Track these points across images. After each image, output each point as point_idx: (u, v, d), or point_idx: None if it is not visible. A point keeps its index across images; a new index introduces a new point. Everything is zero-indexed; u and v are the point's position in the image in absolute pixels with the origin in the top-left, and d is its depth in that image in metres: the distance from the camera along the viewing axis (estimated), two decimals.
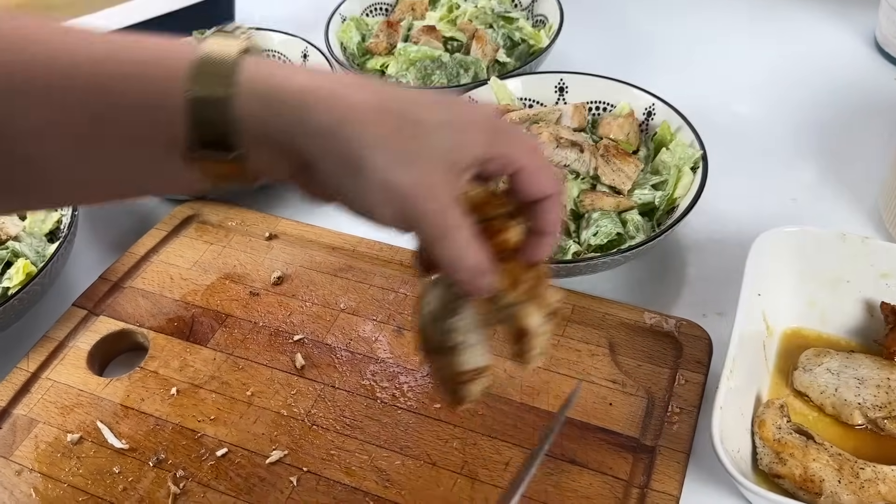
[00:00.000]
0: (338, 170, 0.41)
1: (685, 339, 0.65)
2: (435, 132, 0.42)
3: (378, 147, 0.41)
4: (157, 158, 0.42)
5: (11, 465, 0.61)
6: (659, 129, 0.79)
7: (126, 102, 0.40)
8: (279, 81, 0.41)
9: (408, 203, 0.41)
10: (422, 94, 0.44)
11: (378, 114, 0.41)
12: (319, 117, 0.40)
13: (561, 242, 0.71)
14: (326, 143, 0.41)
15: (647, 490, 0.56)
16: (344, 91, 0.41)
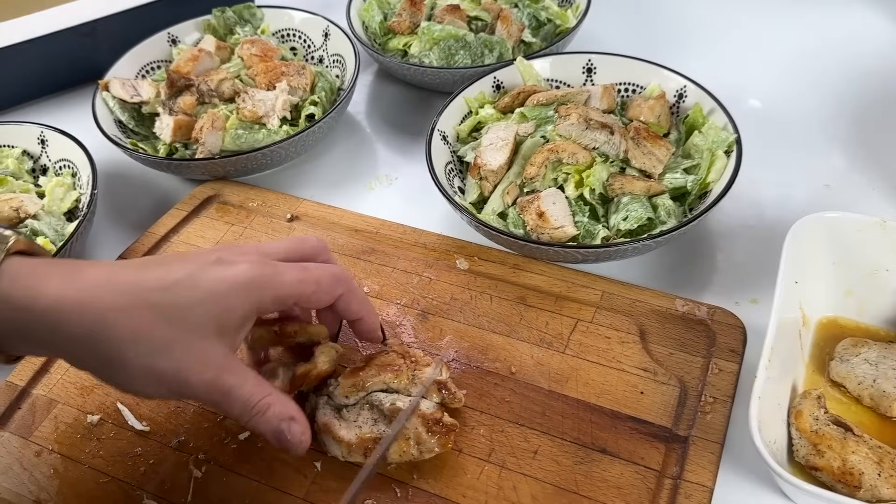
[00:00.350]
0: (101, 367, 0.46)
1: (718, 327, 0.63)
2: (193, 311, 0.46)
3: (136, 342, 0.44)
4: None
5: (31, 445, 0.60)
6: (691, 111, 0.77)
7: None
8: (34, 293, 0.44)
9: (177, 383, 0.46)
10: (176, 275, 0.47)
11: (131, 313, 0.44)
12: (71, 328, 0.44)
13: (590, 227, 0.70)
14: (84, 348, 0.44)
15: (681, 481, 0.54)
16: (95, 296, 0.44)
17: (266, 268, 0.49)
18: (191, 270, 0.47)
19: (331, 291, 0.52)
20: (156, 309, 0.45)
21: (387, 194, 0.83)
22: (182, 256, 0.49)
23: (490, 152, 0.73)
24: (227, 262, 0.48)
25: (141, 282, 0.46)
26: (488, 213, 0.73)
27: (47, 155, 0.82)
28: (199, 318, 0.46)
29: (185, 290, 0.46)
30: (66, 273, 0.45)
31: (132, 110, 0.85)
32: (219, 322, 0.47)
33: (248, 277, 0.48)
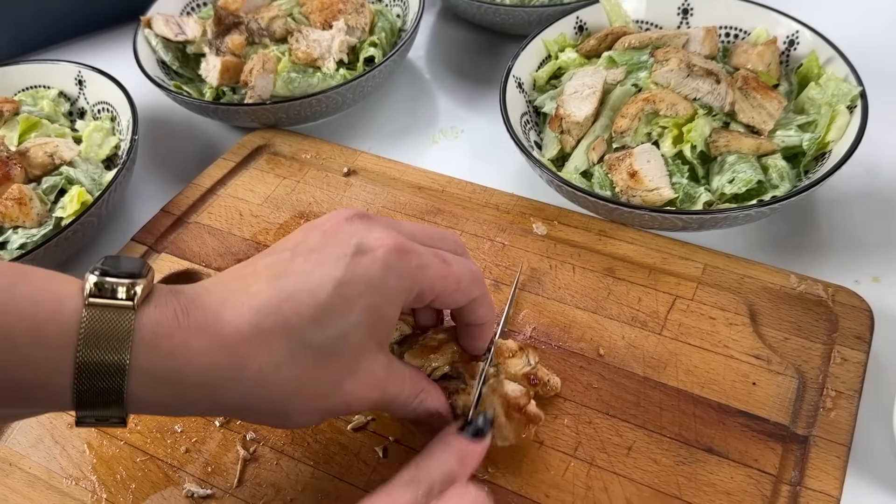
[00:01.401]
0: (263, 420, 0.41)
1: (841, 309, 0.55)
2: (352, 337, 0.39)
3: (302, 392, 0.39)
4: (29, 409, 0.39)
5: (64, 416, 0.54)
6: (805, 61, 0.67)
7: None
8: (180, 365, 0.37)
9: (345, 410, 0.41)
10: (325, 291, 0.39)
11: (291, 364, 0.38)
12: (230, 398, 0.38)
13: (689, 189, 0.61)
14: (245, 411, 0.40)
15: (801, 488, 0.46)
16: (248, 355, 0.37)
17: (411, 259, 0.41)
18: (338, 280, 0.39)
19: (469, 293, 0.44)
20: (313, 350, 0.38)
21: (452, 148, 0.75)
22: (316, 247, 0.41)
23: (574, 101, 0.64)
24: (370, 251, 0.40)
25: (290, 319, 0.38)
26: (570, 171, 0.64)
27: (85, 97, 0.75)
28: (360, 341, 0.40)
29: (340, 316, 0.39)
30: (205, 327, 0.37)
31: (176, 50, 0.78)
32: (375, 336, 0.40)
33: (397, 277, 0.40)
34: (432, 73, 0.84)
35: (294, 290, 0.39)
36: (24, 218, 0.64)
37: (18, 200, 0.63)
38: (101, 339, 0.35)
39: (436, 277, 0.42)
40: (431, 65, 0.85)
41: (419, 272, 0.41)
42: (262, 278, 0.40)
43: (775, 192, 0.60)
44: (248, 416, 0.41)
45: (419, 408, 0.44)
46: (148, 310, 0.37)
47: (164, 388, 0.37)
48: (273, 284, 0.39)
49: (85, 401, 0.36)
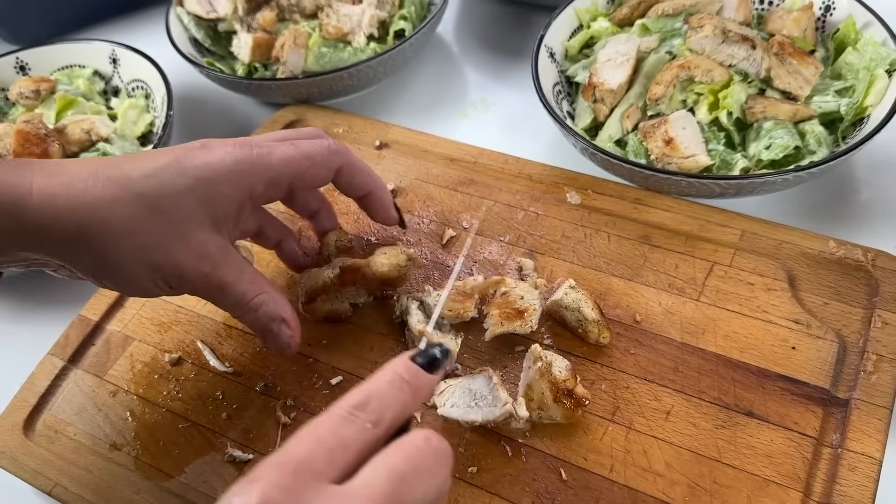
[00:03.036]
0: (97, 264, 0.43)
1: (882, 273, 0.54)
2: (183, 199, 0.43)
3: (131, 233, 0.42)
4: None
5: (106, 384, 0.55)
6: (842, 25, 0.66)
7: None
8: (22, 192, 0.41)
9: (175, 278, 0.44)
10: (161, 162, 0.44)
11: (121, 203, 0.42)
12: (64, 223, 0.41)
13: (726, 156, 0.60)
14: (78, 245, 0.42)
15: (842, 450, 0.46)
16: (82, 189, 0.42)
17: (252, 149, 0.46)
18: (176, 156, 0.44)
19: (327, 165, 0.49)
20: (144, 198, 0.43)
21: (483, 120, 0.75)
22: (163, 149, 0.46)
23: (608, 69, 0.64)
24: (211, 147, 0.45)
25: (126, 171, 0.43)
26: (604, 139, 0.64)
27: (119, 75, 0.76)
28: (189, 207, 0.44)
29: (172, 176, 0.44)
30: (49, 170, 0.43)
31: (208, 28, 0.79)
32: (211, 210, 0.45)
33: (233, 159, 0.45)
34: (461, 46, 0.84)
35: (137, 159, 0.44)
36: None
37: None
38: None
39: (281, 159, 0.46)
40: (460, 38, 0.85)
41: (260, 158, 0.46)
42: (115, 158, 0.45)
43: (812, 158, 0.59)
44: (82, 256, 0.43)
45: (259, 310, 0.46)
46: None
47: (7, 215, 0.41)
48: (119, 158, 0.45)
49: None
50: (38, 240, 0.42)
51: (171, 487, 0.50)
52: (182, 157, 0.44)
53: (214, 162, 0.44)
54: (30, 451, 0.53)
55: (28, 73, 0.77)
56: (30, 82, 0.72)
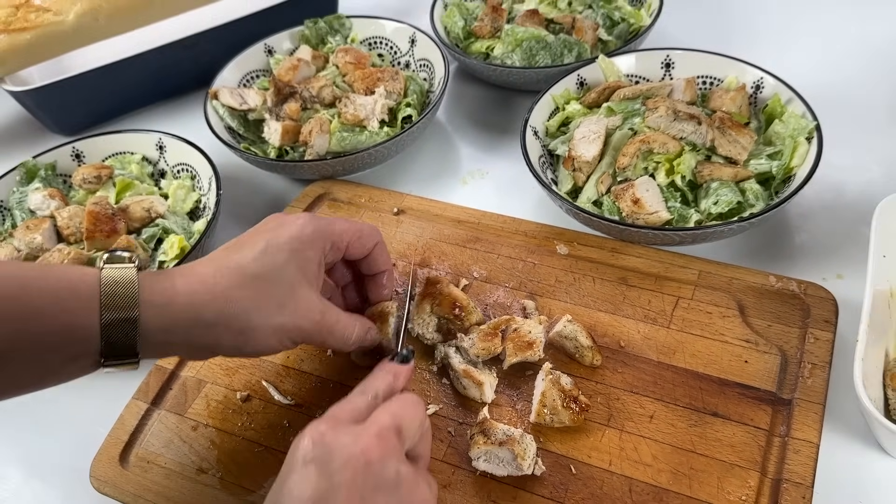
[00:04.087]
0: (235, 338, 0.54)
1: (812, 300, 0.68)
2: (286, 270, 0.56)
3: (258, 308, 0.54)
4: (65, 364, 0.51)
5: (187, 421, 0.66)
6: (770, 101, 0.82)
7: (41, 327, 0.49)
8: (169, 295, 0.52)
9: (296, 331, 0.56)
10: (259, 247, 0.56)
11: (245, 287, 0.54)
12: (206, 314, 0.53)
13: (682, 211, 0.74)
14: (220, 328, 0.53)
15: (789, 438, 0.59)
16: (214, 282, 0.54)
17: (320, 220, 0.59)
18: (266, 239, 0.57)
19: (372, 238, 0.63)
20: (259, 278, 0.55)
21: (481, 187, 0.88)
22: (251, 234, 0.58)
23: (583, 144, 0.79)
24: (288, 223, 0.58)
25: (238, 261, 0.56)
26: (584, 201, 0.78)
27: (165, 160, 0.89)
28: (291, 274, 0.56)
29: (272, 254, 0.56)
30: (183, 274, 0.54)
31: (240, 117, 0.92)
32: (305, 272, 0.57)
33: (311, 229, 0.58)
34: (454, 125, 0.98)
35: (239, 248, 0.57)
36: None
37: (126, 249, 0.76)
38: (116, 285, 0.51)
39: (342, 229, 0.60)
40: (452, 119, 0.99)
41: (328, 226, 0.59)
42: (218, 254, 0.57)
43: (752, 210, 0.74)
44: (222, 336, 0.54)
45: (353, 338, 0.60)
46: (142, 272, 0.53)
47: (160, 316, 0.52)
48: (225, 251, 0.57)
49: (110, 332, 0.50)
50: (185, 331, 0.53)
51: (254, 500, 0.61)
52: (272, 238, 0.56)
53: (298, 234, 0.57)
54: (128, 479, 0.63)
55: (83, 160, 0.89)
56: (92, 169, 0.84)
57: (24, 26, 0.94)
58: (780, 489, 0.56)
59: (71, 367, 0.52)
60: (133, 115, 1.06)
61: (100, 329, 0.50)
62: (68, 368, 0.52)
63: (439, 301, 0.67)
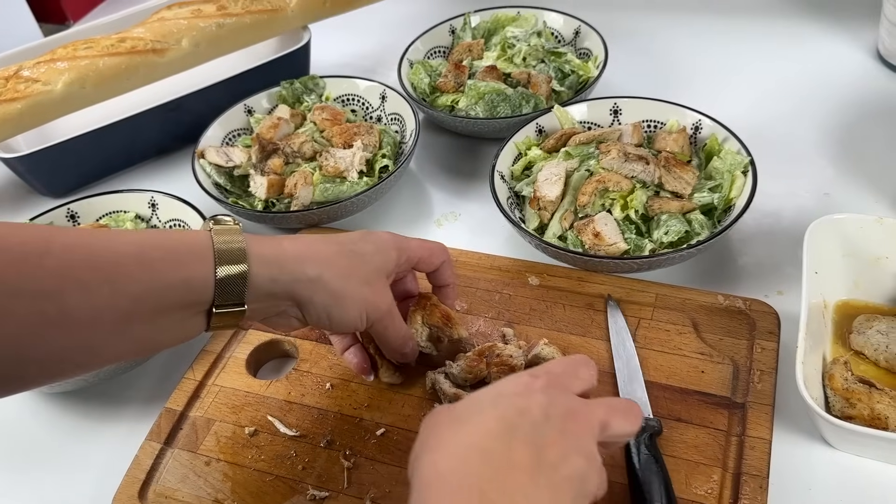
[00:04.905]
0: (327, 300, 0.62)
1: (756, 315, 0.77)
2: (374, 259, 0.66)
3: (350, 277, 0.64)
4: (183, 319, 0.57)
5: (200, 457, 0.71)
6: (708, 141, 0.92)
7: (162, 286, 0.55)
8: (278, 251, 0.61)
9: (373, 309, 0.65)
10: (354, 237, 0.67)
11: (342, 258, 0.64)
12: (308, 271, 0.61)
13: (638, 242, 0.83)
14: (318, 286, 0.62)
15: (744, 437, 0.67)
16: (317, 248, 0.63)
17: (399, 236, 0.70)
18: (361, 234, 0.68)
19: (440, 257, 0.73)
20: (355, 256, 0.65)
21: (455, 228, 0.96)
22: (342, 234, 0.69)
23: (547, 186, 0.87)
24: (375, 233, 0.69)
25: (338, 240, 0.66)
26: (550, 236, 0.86)
27: (157, 216, 0.94)
28: (377, 263, 0.66)
29: (366, 244, 0.67)
30: (290, 238, 0.64)
31: (226, 174, 0.98)
32: (385, 267, 0.67)
33: (393, 238, 0.69)
34: (425, 172, 1.06)
35: (336, 236, 0.67)
36: None
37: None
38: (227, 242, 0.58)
39: (417, 245, 0.71)
40: (424, 166, 1.07)
41: (405, 241, 0.70)
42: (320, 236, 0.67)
43: (699, 238, 0.83)
44: (317, 295, 0.62)
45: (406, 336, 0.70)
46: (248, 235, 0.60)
47: (271, 267, 0.59)
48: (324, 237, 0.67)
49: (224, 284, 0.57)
50: (288, 285, 0.61)
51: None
52: (366, 235, 0.68)
53: (385, 238, 0.69)
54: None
55: (78, 220, 0.94)
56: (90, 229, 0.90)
57: (15, 97, 0.99)
58: (740, 481, 0.64)
59: (187, 324, 0.58)
60: (122, 175, 1.11)
61: (213, 282, 0.56)
62: (185, 325, 0.58)
63: (430, 312, 0.74)
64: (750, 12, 1.28)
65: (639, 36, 1.25)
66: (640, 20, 1.29)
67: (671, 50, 1.22)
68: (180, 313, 0.56)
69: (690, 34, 1.25)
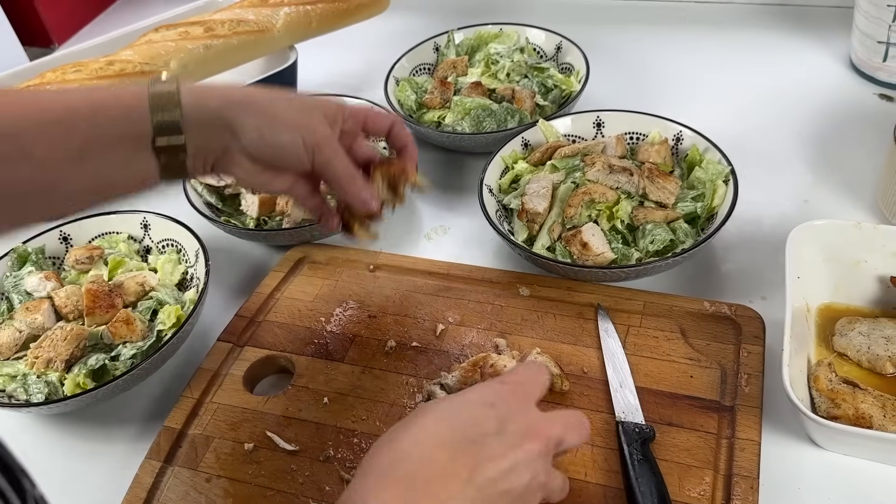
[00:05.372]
0: (259, 121, 0.64)
1: (742, 320, 0.79)
2: (307, 97, 0.70)
3: (279, 102, 0.66)
4: (129, 157, 0.62)
5: (200, 474, 0.72)
6: (689, 151, 0.94)
7: (107, 121, 0.61)
8: (207, 86, 0.67)
9: (308, 131, 0.66)
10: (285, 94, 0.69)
11: (270, 92, 0.67)
12: (237, 95, 0.65)
13: (624, 251, 0.85)
14: (246, 108, 0.64)
15: (734, 439, 0.69)
16: (250, 89, 0.67)
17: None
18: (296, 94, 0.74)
19: (388, 118, 0.76)
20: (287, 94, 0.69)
21: (445, 241, 0.98)
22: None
23: (535, 199, 0.89)
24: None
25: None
26: (539, 247, 0.88)
27: (150, 236, 0.95)
28: (314, 101, 0.69)
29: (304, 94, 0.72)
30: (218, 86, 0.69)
31: (217, 193, 0.99)
32: (323, 107, 0.69)
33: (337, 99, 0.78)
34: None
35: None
36: (132, 335, 0.82)
37: (126, 321, 0.82)
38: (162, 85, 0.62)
39: (358, 106, 0.75)
40: None
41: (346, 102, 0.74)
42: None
43: (683, 246, 0.85)
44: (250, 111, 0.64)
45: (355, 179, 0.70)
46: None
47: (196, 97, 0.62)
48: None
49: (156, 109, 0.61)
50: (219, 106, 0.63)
51: None
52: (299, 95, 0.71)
53: (324, 98, 0.73)
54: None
55: (70, 242, 0.95)
56: (83, 251, 0.90)
57: None
58: (731, 483, 0.66)
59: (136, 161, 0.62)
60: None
61: (148, 107, 0.61)
62: (134, 162, 0.62)
63: (389, 166, 0.75)
64: (726, 25, 1.31)
65: (619, 50, 1.28)
66: (620, 35, 1.32)
67: (651, 63, 1.25)
68: (127, 148, 0.61)
69: (669, 48, 1.28)
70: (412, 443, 0.52)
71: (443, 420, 0.53)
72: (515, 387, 0.57)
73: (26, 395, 0.79)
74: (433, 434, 0.52)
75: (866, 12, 1.08)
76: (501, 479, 0.51)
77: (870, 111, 1.08)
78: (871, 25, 1.08)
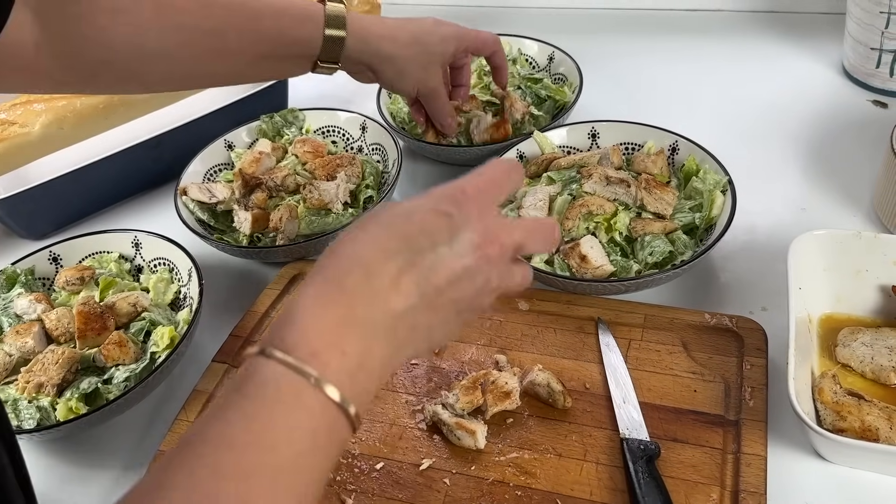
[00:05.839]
0: (393, 74, 0.91)
1: (744, 332, 0.78)
2: (434, 49, 0.92)
3: (412, 62, 0.90)
4: (297, 64, 0.87)
5: None
6: (686, 161, 0.93)
7: (289, 38, 0.84)
8: (367, 31, 0.86)
9: (423, 85, 0.93)
10: (426, 24, 0.92)
11: (409, 46, 0.89)
12: (386, 49, 0.88)
13: (623, 264, 0.84)
14: (387, 64, 0.89)
15: (740, 454, 0.68)
16: (396, 34, 0.88)
17: (462, 29, 0.95)
18: (432, 23, 0.92)
19: (493, 45, 0.99)
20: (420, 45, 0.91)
21: None
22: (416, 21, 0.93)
23: (532, 211, 0.88)
24: (444, 23, 0.93)
25: (411, 29, 0.90)
26: (537, 262, 0.87)
27: (141, 256, 0.94)
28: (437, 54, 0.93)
29: (432, 36, 0.91)
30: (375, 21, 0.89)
31: (209, 210, 0.98)
32: (441, 58, 0.94)
33: (456, 31, 0.94)
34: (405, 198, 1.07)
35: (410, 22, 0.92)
36: (124, 357, 0.80)
37: (119, 343, 0.80)
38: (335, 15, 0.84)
39: (473, 36, 0.96)
40: (407, 194, 1.08)
41: (465, 33, 0.95)
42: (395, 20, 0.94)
43: (683, 258, 0.84)
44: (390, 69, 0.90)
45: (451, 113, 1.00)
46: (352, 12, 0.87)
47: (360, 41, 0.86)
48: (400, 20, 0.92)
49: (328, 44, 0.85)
50: (371, 55, 0.87)
51: None
52: (435, 25, 0.92)
53: (449, 32, 0.93)
54: None
55: (61, 263, 0.93)
56: (74, 272, 0.89)
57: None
58: (738, 499, 0.65)
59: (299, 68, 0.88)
60: (104, 214, 1.10)
61: (321, 42, 0.84)
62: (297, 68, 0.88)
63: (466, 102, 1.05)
64: (719, 34, 1.31)
65: (611, 60, 1.27)
66: (612, 44, 1.31)
67: (644, 73, 1.25)
68: (296, 60, 0.86)
69: (662, 57, 1.28)
70: (356, 251, 0.48)
71: (392, 226, 0.49)
72: (478, 194, 0.53)
73: (17, 420, 0.77)
74: (382, 241, 0.48)
75: (858, 19, 1.08)
76: (449, 288, 0.49)
77: (864, 118, 1.08)
78: (864, 32, 1.08)
